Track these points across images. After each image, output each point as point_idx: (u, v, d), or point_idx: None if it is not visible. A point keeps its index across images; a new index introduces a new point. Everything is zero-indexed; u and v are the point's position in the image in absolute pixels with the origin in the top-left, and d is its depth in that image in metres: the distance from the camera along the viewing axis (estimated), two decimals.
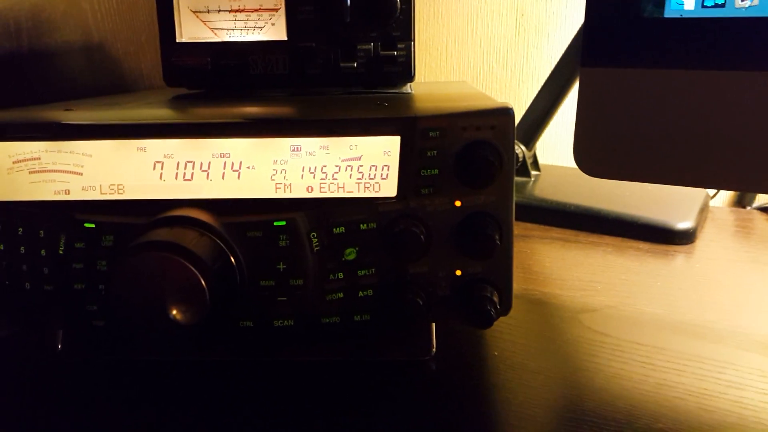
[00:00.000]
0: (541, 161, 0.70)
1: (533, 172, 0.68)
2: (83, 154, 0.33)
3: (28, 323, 0.35)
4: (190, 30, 0.45)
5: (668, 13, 0.36)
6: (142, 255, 0.29)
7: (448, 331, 0.39)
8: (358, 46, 0.44)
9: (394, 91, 0.45)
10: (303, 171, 0.32)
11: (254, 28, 0.44)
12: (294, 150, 0.32)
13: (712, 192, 0.65)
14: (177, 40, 0.45)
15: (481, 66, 0.80)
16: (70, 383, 0.35)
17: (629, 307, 0.43)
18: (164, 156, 0.33)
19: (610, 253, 0.53)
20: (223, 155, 0.33)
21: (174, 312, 0.29)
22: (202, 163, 0.33)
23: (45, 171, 0.33)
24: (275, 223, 0.32)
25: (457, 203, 0.32)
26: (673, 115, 0.37)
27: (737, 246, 0.55)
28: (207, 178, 0.33)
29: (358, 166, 0.32)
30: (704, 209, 0.60)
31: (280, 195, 0.32)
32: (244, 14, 0.44)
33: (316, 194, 0.32)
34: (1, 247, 0.34)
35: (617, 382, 0.34)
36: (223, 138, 0.32)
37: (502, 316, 0.34)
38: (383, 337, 0.37)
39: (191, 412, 0.32)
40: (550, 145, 0.76)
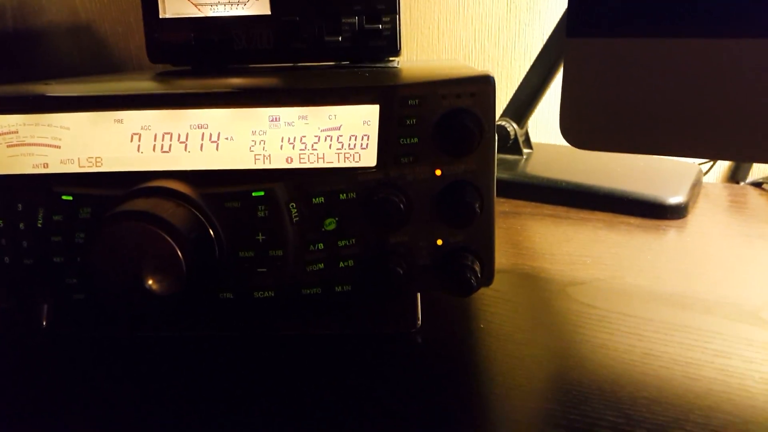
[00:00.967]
0: (534, 140, 0.70)
1: (525, 150, 0.67)
2: (61, 126, 0.33)
3: (11, 298, 0.35)
4: (173, 6, 0.44)
5: None
6: (118, 225, 0.29)
7: (434, 303, 0.39)
8: (343, 20, 0.43)
9: (381, 66, 0.44)
10: (282, 141, 0.32)
11: (238, 3, 0.44)
12: (273, 120, 0.32)
13: (705, 167, 0.65)
14: (160, 16, 0.44)
15: (473, 44, 0.80)
16: (54, 359, 0.35)
17: (618, 280, 0.43)
18: (141, 128, 0.32)
19: (601, 228, 0.53)
20: (201, 126, 0.32)
21: (150, 282, 0.29)
22: (179, 135, 0.32)
23: (23, 144, 0.33)
24: (254, 194, 0.32)
25: (438, 172, 0.32)
26: (658, 85, 0.37)
27: (729, 220, 0.55)
28: (185, 150, 0.32)
29: (338, 135, 0.32)
30: (697, 184, 0.60)
31: (259, 166, 0.32)
32: None
33: (295, 165, 0.32)
34: None
35: (603, 352, 0.34)
36: (200, 109, 0.32)
37: (485, 286, 0.34)
38: (368, 310, 0.37)
39: (174, 386, 0.32)
40: (542, 123, 0.76)
